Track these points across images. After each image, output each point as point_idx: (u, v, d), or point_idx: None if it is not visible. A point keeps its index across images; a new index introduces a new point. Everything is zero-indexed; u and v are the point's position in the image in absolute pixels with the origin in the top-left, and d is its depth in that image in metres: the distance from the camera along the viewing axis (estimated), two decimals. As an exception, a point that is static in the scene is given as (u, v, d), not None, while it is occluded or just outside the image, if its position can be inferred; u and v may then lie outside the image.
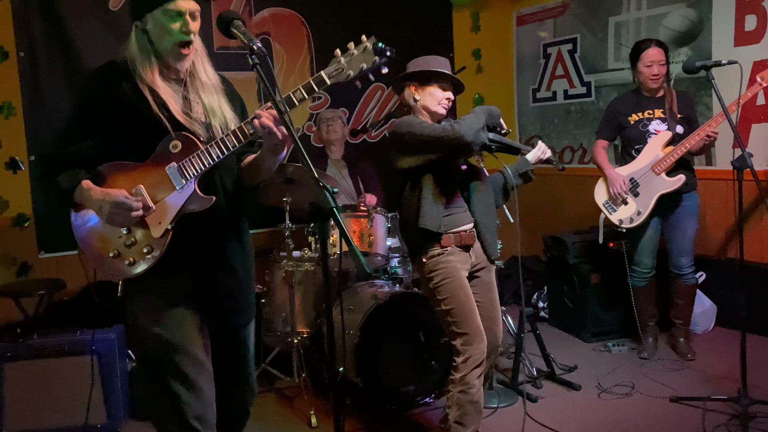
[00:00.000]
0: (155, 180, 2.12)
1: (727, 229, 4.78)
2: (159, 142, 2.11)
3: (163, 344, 2.14)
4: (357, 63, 2.07)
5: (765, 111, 4.47)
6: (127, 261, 2.14)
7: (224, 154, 2.09)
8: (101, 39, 4.65)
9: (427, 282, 2.99)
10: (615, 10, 5.41)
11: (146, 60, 2.11)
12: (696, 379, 3.91)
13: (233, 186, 2.28)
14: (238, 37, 1.97)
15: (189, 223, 2.14)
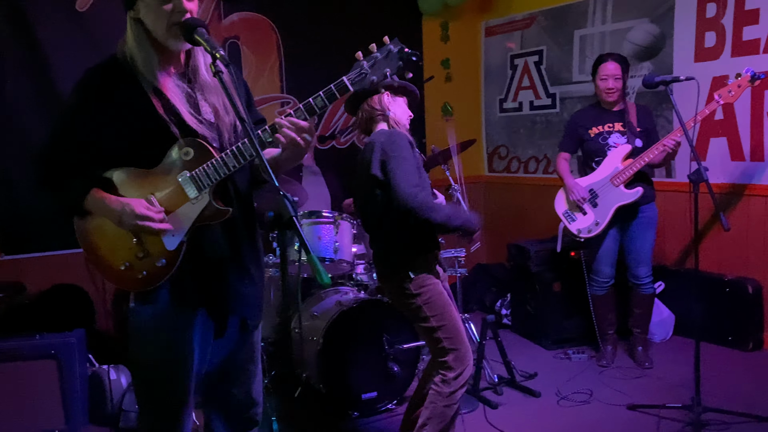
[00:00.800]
0: (167, 189, 2.00)
1: (685, 240, 4.90)
2: (166, 146, 1.98)
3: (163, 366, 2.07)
4: (381, 68, 1.94)
5: (723, 125, 4.59)
6: (140, 274, 2.01)
7: (241, 164, 1.97)
8: (69, 41, 4.61)
9: (412, 298, 2.91)
10: (580, 23, 5.52)
11: (145, 52, 1.98)
12: (653, 386, 3.99)
13: (247, 186, 2.18)
14: (201, 44, 1.90)
15: (203, 232, 2.04)
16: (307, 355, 3.67)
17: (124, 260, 2.03)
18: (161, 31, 1.98)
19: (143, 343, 2.10)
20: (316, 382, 3.64)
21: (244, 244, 2.15)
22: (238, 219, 2.11)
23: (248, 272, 2.16)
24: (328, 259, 3.80)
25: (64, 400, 3.48)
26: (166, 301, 2.05)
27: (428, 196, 2.83)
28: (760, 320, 4.49)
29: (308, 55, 5.57)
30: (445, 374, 2.88)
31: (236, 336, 2.19)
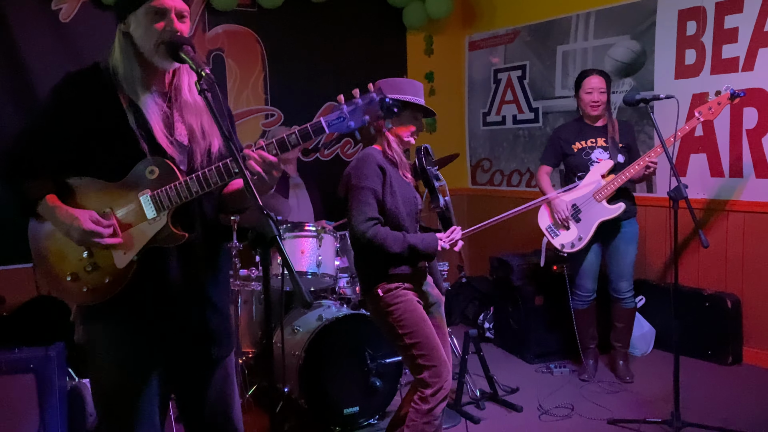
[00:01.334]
0: (126, 205, 1.97)
1: (666, 254, 4.95)
2: (133, 161, 1.95)
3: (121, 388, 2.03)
4: (360, 115, 1.92)
5: (703, 142, 4.65)
6: (85, 288, 1.98)
7: (204, 190, 1.94)
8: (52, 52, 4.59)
9: (385, 315, 2.90)
10: (563, 39, 5.57)
11: (129, 66, 1.97)
12: (633, 401, 4.01)
13: (213, 213, 2.15)
14: (186, 62, 1.89)
15: (161, 254, 2.00)
16: (289, 370, 3.66)
17: (71, 271, 1.99)
18: (148, 48, 1.97)
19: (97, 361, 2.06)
20: (298, 397, 3.62)
21: (204, 271, 2.11)
22: (199, 246, 2.08)
23: (209, 300, 2.13)
24: (310, 273, 3.79)
25: (42, 415, 3.42)
26: (120, 322, 2.02)
27: (378, 230, 2.79)
28: (739, 334, 4.54)
29: (293, 68, 5.59)
30: (422, 391, 2.85)
31: (204, 365, 2.15)
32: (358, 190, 2.83)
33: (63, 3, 4.66)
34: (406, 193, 2.93)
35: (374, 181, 2.84)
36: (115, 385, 2.05)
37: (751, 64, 4.35)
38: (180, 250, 2.03)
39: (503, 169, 6.25)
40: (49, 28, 4.62)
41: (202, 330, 2.11)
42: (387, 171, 2.88)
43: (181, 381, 2.17)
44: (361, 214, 2.80)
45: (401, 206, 2.89)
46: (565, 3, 5.51)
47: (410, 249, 2.82)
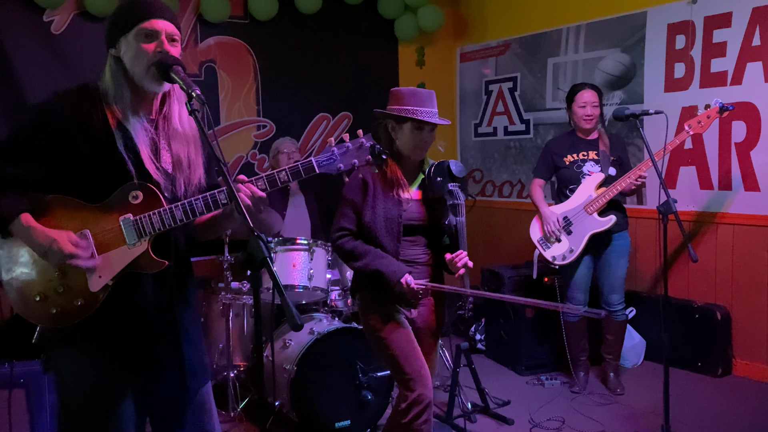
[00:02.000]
0: (105, 228, 1.94)
1: (656, 266, 4.97)
2: (117, 185, 1.94)
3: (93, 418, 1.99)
4: (350, 158, 2.00)
5: (692, 155, 4.69)
6: (54, 309, 1.93)
7: (188, 219, 1.95)
8: (44, 63, 4.60)
9: (364, 322, 2.93)
10: (553, 51, 5.61)
11: (120, 90, 1.97)
12: (624, 413, 4.02)
13: (185, 242, 2.14)
14: (177, 82, 1.91)
15: (135, 280, 1.98)
16: (280, 383, 3.66)
17: (40, 291, 1.94)
18: (139, 71, 1.96)
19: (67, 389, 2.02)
20: (289, 411, 3.62)
21: (178, 301, 2.10)
22: (174, 274, 2.07)
23: (184, 331, 2.12)
24: (302, 286, 3.79)
25: (32, 430, 3.42)
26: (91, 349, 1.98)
27: (345, 242, 2.82)
28: (728, 346, 4.57)
29: (285, 79, 5.60)
30: (399, 404, 2.81)
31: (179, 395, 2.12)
32: (340, 200, 2.90)
33: (54, 15, 4.66)
34: (389, 210, 2.84)
35: (355, 193, 2.85)
36: (87, 415, 2.00)
37: (739, 78, 4.39)
38: (154, 278, 2.02)
39: (495, 179, 6.27)
40: (40, 40, 4.63)
41: (176, 361, 2.09)
42: (370, 186, 2.83)
43: (157, 411, 2.14)
44: (335, 223, 2.88)
45: (380, 222, 2.82)
46: (556, 16, 5.55)
47: (374, 270, 2.77)
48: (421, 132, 2.82)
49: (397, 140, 2.85)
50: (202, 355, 2.21)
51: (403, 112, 2.78)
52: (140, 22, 1.95)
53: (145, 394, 2.08)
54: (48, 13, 4.64)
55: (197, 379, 2.15)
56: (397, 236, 2.85)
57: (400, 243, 2.85)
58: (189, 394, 2.14)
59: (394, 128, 2.84)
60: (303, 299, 4.03)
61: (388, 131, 2.87)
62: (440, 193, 2.81)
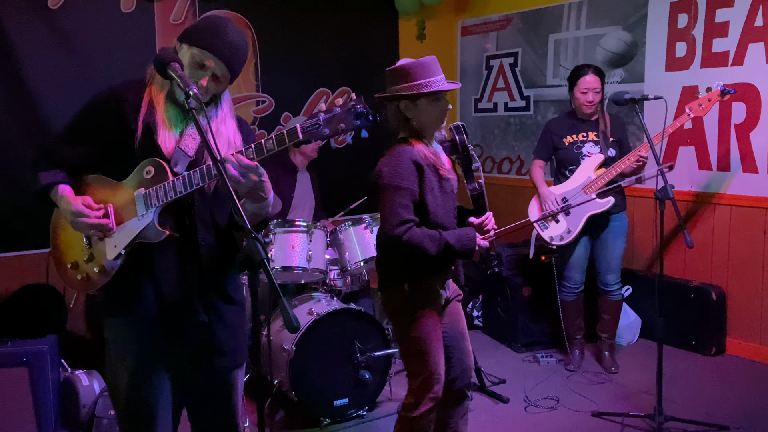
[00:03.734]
0: (124, 201, 2.08)
1: (653, 245, 5.00)
2: (136, 162, 2.07)
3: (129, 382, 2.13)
4: (336, 123, 1.95)
5: (692, 135, 4.68)
6: (80, 276, 2.13)
7: (186, 190, 2.01)
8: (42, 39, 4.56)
9: (401, 313, 2.78)
10: (555, 28, 5.56)
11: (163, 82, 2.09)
12: (618, 392, 4.09)
13: (226, 222, 2.20)
14: (174, 79, 1.94)
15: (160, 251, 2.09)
16: (279, 363, 3.71)
17: (74, 259, 2.16)
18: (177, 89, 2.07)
19: (113, 360, 2.18)
20: (288, 390, 3.68)
21: (209, 278, 2.16)
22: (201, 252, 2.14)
23: (217, 311, 2.18)
24: (300, 267, 3.82)
25: (36, 408, 3.47)
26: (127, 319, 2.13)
27: (413, 233, 2.60)
28: (722, 326, 4.62)
29: (284, 53, 5.56)
30: (408, 398, 2.80)
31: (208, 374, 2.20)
32: (390, 190, 2.62)
33: (52, -11, 4.61)
34: (444, 190, 2.75)
35: (410, 180, 2.63)
36: (128, 387, 2.13)
37: (740, 59, 4.36)
38: (179, 252, 2.12)
39: (494, 156, 6.27)
40: (38, 16, 4.56)
41: (207, 339, 2.17)
42: (423, 168, 2.67)
43: (189, 388, 2.22)
44: (394, 216, 2.60)
45: (440, 203, 2.72)
46: (558, -9, 5.50)
47: (446, 248, 2.63)
48: (439, 102, 2.72)
49: (414, 119, 2.71)
50: (236, 338, 2.25)
51: (416, 89, 2.64)
52: (204, 49, 2.07)
53: (181, 372, 2.18)
54: (45, -13, 4.59)
55: (227, 359, 2.22)
56: (454, 214, 2.81)
57: (456, 219, 2.82)
58: (218, 374, 2.21)
59: (408, 107, 2.70)
60: (302, 280, 4.07)
61: (401, 112, 2.72)
62: (468, 158, 2.77)
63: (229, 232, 2.23)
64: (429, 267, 2.73)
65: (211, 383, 2.23)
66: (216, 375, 2.21)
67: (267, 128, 5.51)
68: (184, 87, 1.88)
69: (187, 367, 2.18)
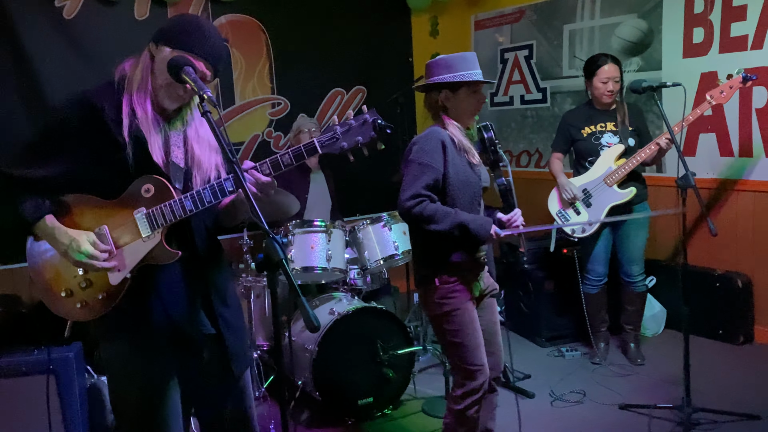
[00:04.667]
0: (121, 222, 2.00)
1: (676, 235, 4.91)
2: (130, 180, 1.99)
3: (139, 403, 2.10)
4: (353, 136, 1.97)
5: (712, 121, 4.61)
6: (78, 303, 2.03)
7: (198, 208, 1.99)
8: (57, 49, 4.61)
9: (437, 307, 2.83)
10: (569, 18, 5.51)
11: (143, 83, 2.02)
12: (645, 384, 4.04)
13: (213, 227, 2.19)
14: (188, 83, 1.92)
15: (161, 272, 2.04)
16: (302, 363, 3.71)
17: (66, 287, 2.04)
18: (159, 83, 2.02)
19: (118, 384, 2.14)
20: (312, 390, 3.68)
21: (211, 288, 2.16)
22: (202, 261, 2.12)
23: (221, 316, 2.17)
24: (320, 268, 3.82)
25: (63, 415, 3.50)
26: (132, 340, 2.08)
27: (426, 206, 2.67)
28: (750, 314, 4.55)
29: (298, 55, 5.57)
30: (455, 390, 2.86)
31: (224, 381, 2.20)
32: (413, 165, 2.75)
33: (66, 0, 4.65)
34: (469, 175, 2.82)
35: (434, 158, 2.73)
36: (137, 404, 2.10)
37: (760, 42, 4.29)
38: (182, 268, 2.08)
39: (512, 149, 6.23)
40: (53, 26, 4.62)
41: (217, 347, 2.16)
42: (449, 148, 2.77)
43: (201, 398, 2.22)
44: (410, 189, 2.71)
45: (461, 187, 2.79)
46: (571, -19, 5.45)
47: (460, 227, 2.68)
48: (476, 94, 2.86)
49: (452, 108, 2.85)
50: (243, 340, 2.27)
51: (458, 78, 2.79)
52: (187, 52, 1.99)
53: (190, 382, 2.17)
54: (59, -2, 4.64)
55: (240, 363, 2.23)
56: (478, 201, 2.87)
57: (480, 207, 2.88)
58: (233, 379, 2.21)
59: (449, 97, 2.84)
60: (322, 280, 4.07)
61: (439, 101, 2.85)
62: (497, 154, 2.89)
63: (217, 236, 2.22)
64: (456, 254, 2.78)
65: (229, 390, 2.23)
66: (233, 381, 2.22)
67: (283, 130, 5.52)
68: (198, 90, 1.88)
69: (198, 378, 2.17)
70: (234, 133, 5.27)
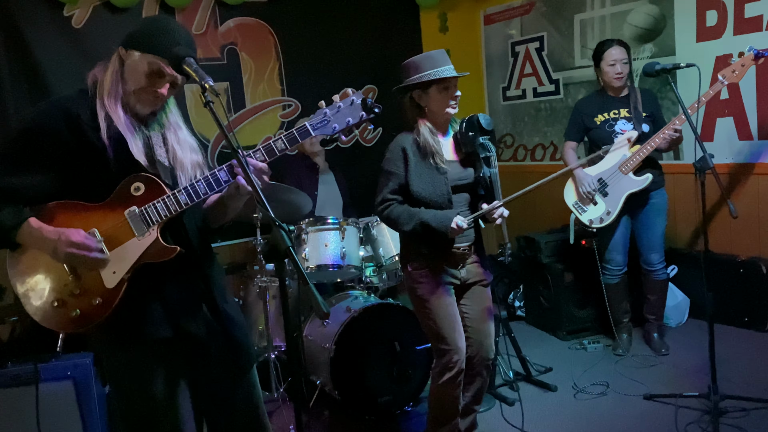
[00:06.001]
0: (112, 224, 1.95)
1: (696, 222, 4.85)
2: (115, 181, 1.96)
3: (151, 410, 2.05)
4: (343, 117, 1.98)
5: (729, 105, 4.53)
6: (73, 312, 1.95)
7: (193, 201, 1.96)
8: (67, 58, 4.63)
9: (411, 292, 3.05)
10: (579, 8, 5.45)
11: (114, 88, 1.98)
12: (670, 374, 3.97)
13: (203, 226, 2.18)
14: (190, 74, 1.90)
15: (158, 272, 2.00)
16: (320, 363, 3.68)
17: (57, 297, 1.96)
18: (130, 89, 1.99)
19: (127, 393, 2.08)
20: (331, 389, 3.64)
21: (209, 284, 2.13)
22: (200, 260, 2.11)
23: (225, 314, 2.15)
24: (335, 265, 3.79)
25: (83, 420, 3.50)
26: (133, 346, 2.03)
27: (391, 210, 2.91)
28: (775, 300, 4.45)
29: (307, 56, 5.55)
30: (433, 367, 3.04)
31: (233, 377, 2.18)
32: (382, 173, 2.98)
33: (75, 9, 4.67)
34: (433, 176, 2.93)
35: (397, 165, 2.94)
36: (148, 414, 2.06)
37: (775, 22, 4.21)
38: (179, 267, 2.03)
39: (526, 143, 6.17)
40: (62, 35, 4.64)
41: (223, 342, 2.12)
42: (410, 155, 2.93)
43: (211, 396, 2.19)
44: (380, 194, 2.96)
45: (428, 189, 2.92)
46: (580, -31, 5.39)
47: (422, 225, 2.86)
48: (448, 90, 2.94)
49: (427, 106, 2.96)
50: (246, 334, 2.26)
51: (425, 78, 2.88)
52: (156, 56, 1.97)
53: (198, 382, 2.15)
54: (68, 7, 4.65)
55: (247, 357, 2.22)
56: (448, 199, 2.94)
57: (452, 205, 2.95)
58: (240, 374, 2.20)
59: (421, 96, 2.96)
60: (337, 278, 4.04)
61: (415, 102, 2.98)
62: (473, 148, 2.92)
63: (207, 235, 2.20)
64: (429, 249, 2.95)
65: (239, 385, 2.21)
66: (242, 375, 2.20)
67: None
68: (200, 80, 1.86)
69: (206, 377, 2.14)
70: (246, 137, 5.26)
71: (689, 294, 4.78)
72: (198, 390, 2.15)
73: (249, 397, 2.24)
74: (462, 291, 3.08)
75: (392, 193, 2.94)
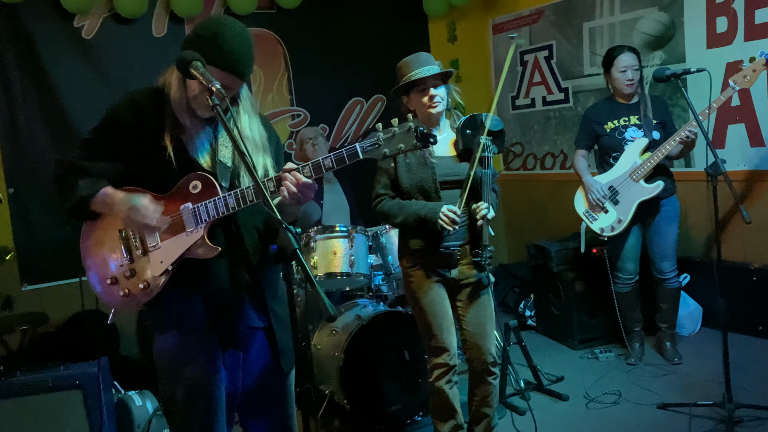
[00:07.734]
0: (170, 216, 2.08)
1: (709, 230, 4.80)
2: (174, 176, 2.06)
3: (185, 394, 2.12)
4: (396, 143, 1.94)
5: (740, 112, 4.50)
6: (122, 292, 2.11)
7: (240, 206, 2.03)
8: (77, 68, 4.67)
9: (405, 287, 3.12)
10: (588, 16, 5.44)
11: (178, 92, 2.06)
12: (683, 383, 3.91)
13: (264, 229, 2.22)
14: (197, 78, 1.91)
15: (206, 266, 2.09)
16: (329, 371, 3.65)
17: (112, 275, 2.13)
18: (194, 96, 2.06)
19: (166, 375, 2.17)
20: (340, 398, 3.61)
21: (262, 283, 2.18)
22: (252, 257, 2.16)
23: (274, 313, 2.21)
24: (344, 273, 3.77)
25: (91, 429, 3.48)
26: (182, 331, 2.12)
27: (383, 204, 3.01)
28: (790, 308, 4.39)
29: (316, 66, 5.57)
30: (426, 361, 3.11)
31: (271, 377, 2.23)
32: (376, 172, 3.07)
33: (85, 20, 4.71)
34: (421, 172, 2.97)
35: (386, 162, 3.01)
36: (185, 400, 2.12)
37: (787, 28, 4.18)
38: (229, 262, 2.12)
39: (536, 152, 6.15)
40: (72, 46, 4.69)
41: (268, 343, 2.20)
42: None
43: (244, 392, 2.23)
44: (374, 190, 3.07)
45: (416, 185, 2.98)
46: (589, -22, 5.38)
47: (414, 216, 2.91)
48: (424, 92, 2.92)
49: (414, 110, 3.00)
50: (289, 336, 2.26)
51: (403, 82, 2.94)
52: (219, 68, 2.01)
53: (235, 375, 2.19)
54: (78, 18, 4.69)
55: (288, 359, 2.26)
56: (435, 192, 2.96)
57: (440, 198, 2.96)
58: (281, 376, 2.24)
59: (409, 100, 3.01)
60: (346, 286, 4.02)
61: (405, 106, 3.04)
62: (468, 145, 2.94)
63: (268, 232, 2.23)
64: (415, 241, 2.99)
65: (275, 387, 2.25)
66: (280, 377, 2.24)
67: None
68: (206, 83, 1.87)
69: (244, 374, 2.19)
70: (255, 146, 5.27)
71: (702, 302, 4.73)
72: (234, 387, 2.20)
73: (281, 399, 2.27)
74: (456, 291, 3.07)
75: (384, 188, 3.03)
